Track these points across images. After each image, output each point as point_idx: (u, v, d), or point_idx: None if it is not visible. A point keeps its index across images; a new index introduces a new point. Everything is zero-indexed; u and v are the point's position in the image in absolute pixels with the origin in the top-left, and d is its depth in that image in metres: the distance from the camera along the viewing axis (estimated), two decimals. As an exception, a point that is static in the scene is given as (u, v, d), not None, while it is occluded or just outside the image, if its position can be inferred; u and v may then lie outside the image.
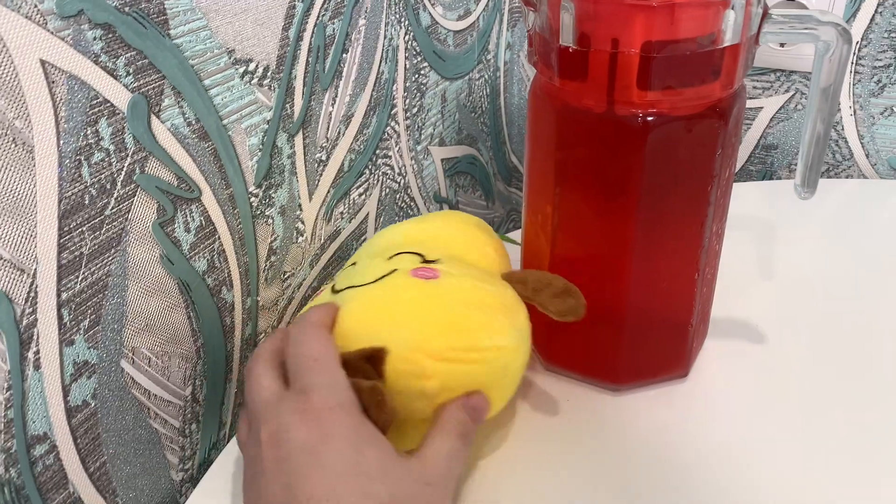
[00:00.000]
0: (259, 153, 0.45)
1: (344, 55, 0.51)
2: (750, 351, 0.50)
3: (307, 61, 0.47)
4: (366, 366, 0.35)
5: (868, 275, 0.58)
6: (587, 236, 0.43)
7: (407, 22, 0.57)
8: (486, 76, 0.73)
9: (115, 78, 0.34)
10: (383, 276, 0.39)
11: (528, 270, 0.44)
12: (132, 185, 0.36)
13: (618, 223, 0.41)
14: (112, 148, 0.35)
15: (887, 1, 0.67)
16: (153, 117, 0.37)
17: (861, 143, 0.73)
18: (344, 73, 0.51)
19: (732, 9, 0.37)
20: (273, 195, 0.47)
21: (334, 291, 0.40)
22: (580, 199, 0.42)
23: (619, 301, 0.44)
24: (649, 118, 0.38)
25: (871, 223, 0.65)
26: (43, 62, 0.31)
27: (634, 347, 0.45)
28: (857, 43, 0.69)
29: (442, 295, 0.38)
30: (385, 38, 0.55)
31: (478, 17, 0.69)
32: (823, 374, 0.48)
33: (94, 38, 0.33)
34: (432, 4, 0.61)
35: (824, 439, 0.43)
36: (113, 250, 0.36)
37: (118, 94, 0.35)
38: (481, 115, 0.74)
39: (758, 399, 0.46)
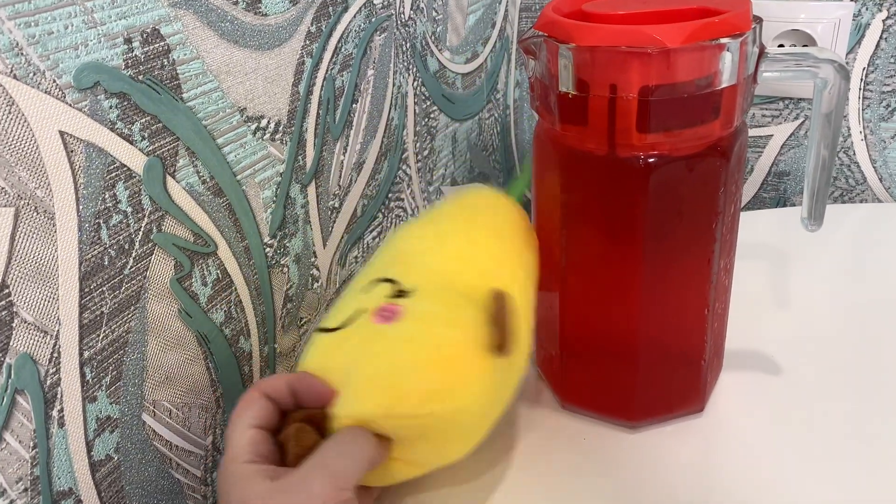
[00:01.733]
0: (273, 205, 0.46)
1: (354, 105, 0.52)
2: (766, 383, 0.50)
3: (318, 114, 0.48)
4: (309, 427, 0.36)
5: (886, 300, 0.58)
6: (595, 276, 0.44)
7: (415, 69, 0.59)
8: (496, 115, 0.75)
9: (131, 143, 0.36)
10: (348, 318, 0.39)
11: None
12: (150, 244, 0.38)
13: (625, 263, 0.42)
14: (129, 210, 0.36)
15: (892, 27, 0.67)
16: (168, 177, 0.38)
17: (874, 168, 0.73)
18: (354, 123, 0.53)
19: (728, 51, 0.38)
20: (288, 244, 0.48)
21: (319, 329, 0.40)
22: (587, 239, 0.43)
23: (631, 339, 0.44)
24: (650, 160, 0.39)
25: (887, 247, 0.65)
26: (62, 133, 0.32)
27: (649, 384, 0.45)
28: (864, 69, 0.69)
29: (389, 350, 0.37)
30: (394, 85, 0.56)
31: (485, 59, 0.70)
32: (841, 404, 0.48)
33: (110, 107, 0.34)
34: (440, 50, 0.62)
35: (845, 472, 0.43)
36: (132, 308, 0.37)
37: (134, 159, 0.36)
38: (493, 153, 0.75)
39: (774, 432, 0.46)
